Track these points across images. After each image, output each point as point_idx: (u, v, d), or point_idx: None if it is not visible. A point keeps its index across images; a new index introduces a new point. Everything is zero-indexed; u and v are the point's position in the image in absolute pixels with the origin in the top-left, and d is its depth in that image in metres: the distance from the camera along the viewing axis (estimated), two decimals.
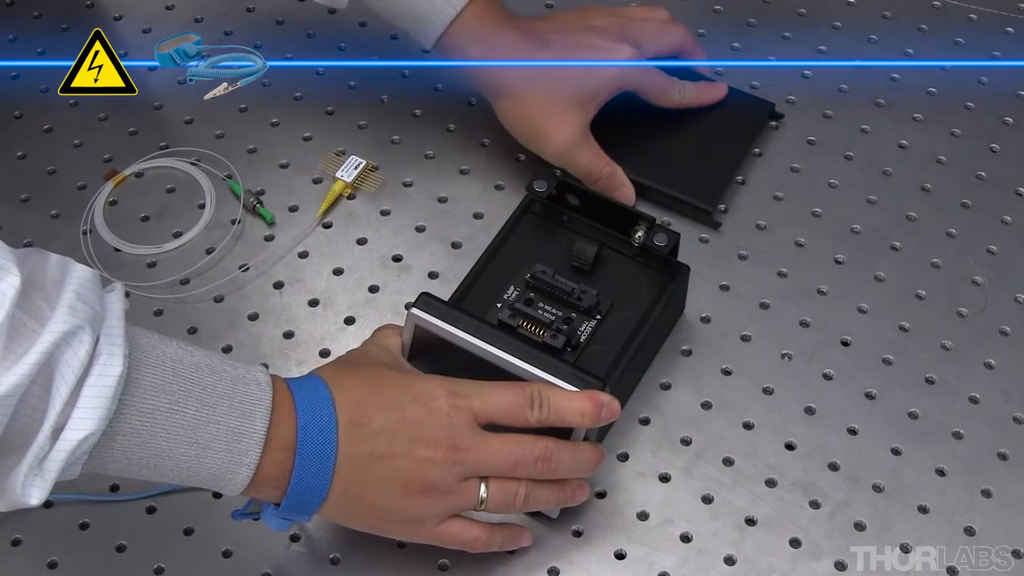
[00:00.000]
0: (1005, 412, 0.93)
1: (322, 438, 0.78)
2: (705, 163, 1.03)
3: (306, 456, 0.78)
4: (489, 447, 0.81)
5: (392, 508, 0.81)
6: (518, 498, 0.82)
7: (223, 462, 0.76)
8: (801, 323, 0.97)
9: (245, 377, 0.78)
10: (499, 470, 0.82)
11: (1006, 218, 1.02)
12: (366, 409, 0.80)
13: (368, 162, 1.03)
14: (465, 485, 0.81)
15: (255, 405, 0.77)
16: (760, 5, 1.13)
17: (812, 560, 0.88)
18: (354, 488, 0.79)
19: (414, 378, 0.83)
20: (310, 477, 0.78)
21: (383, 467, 0.79)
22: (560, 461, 0.83)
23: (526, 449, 0.82)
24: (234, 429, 0.76)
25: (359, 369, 0.83)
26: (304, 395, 0.79)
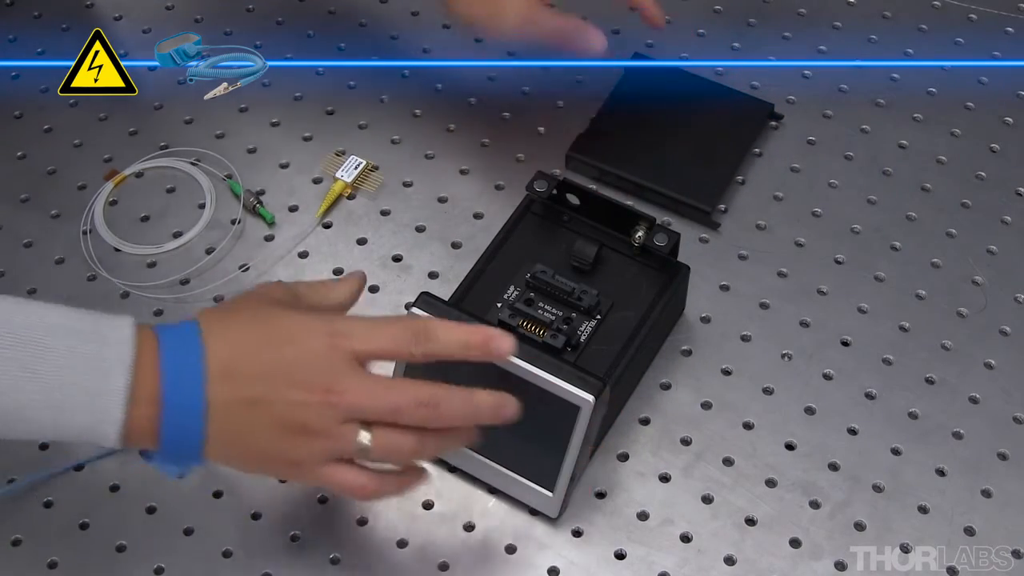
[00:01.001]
0: (1005, 412, 0.93)
1: (189, 390, 0.76)
2: (705, 163, 1.03)
3: (173, 409, 0.76)
4: (367, 389, 0.77)
5: (270, 452, 0.78)
6: (404, 447, 0.78)
7: (87, 422, 0.75)
8: (801, 323, 0.97)
9: (106, 335, 0.76)
10: (379, 414, 0.77)
11: (1006, 218, 1.02)
12: (239, 355, 0.77)
13: (368, 162, 1.03)
14: (343, 429, 0.77)
15: (115, 363, 0.75)
16: (760, 5, 1.13)
17: (812, 560, 0.88)
18: (232, 435, 0.77)
19: (294, 317, 0.79)
20: (180, 430, 0.77)
21: (259, 412, 0.77)
22: (449, 408, 0.79)
23: (408, 393, 0.78)
24: (91, 389, 0.75)
25: (241, 311, 0.80)
26: (171, 346, 0.77)
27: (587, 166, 1.03)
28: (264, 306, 0.81)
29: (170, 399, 0.76)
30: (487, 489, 0.91)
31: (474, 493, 0.91)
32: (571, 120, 1.06)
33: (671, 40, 1.11)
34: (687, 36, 1.11)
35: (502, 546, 0.89)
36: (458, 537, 0.89)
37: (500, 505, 0.90)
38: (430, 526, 0.90)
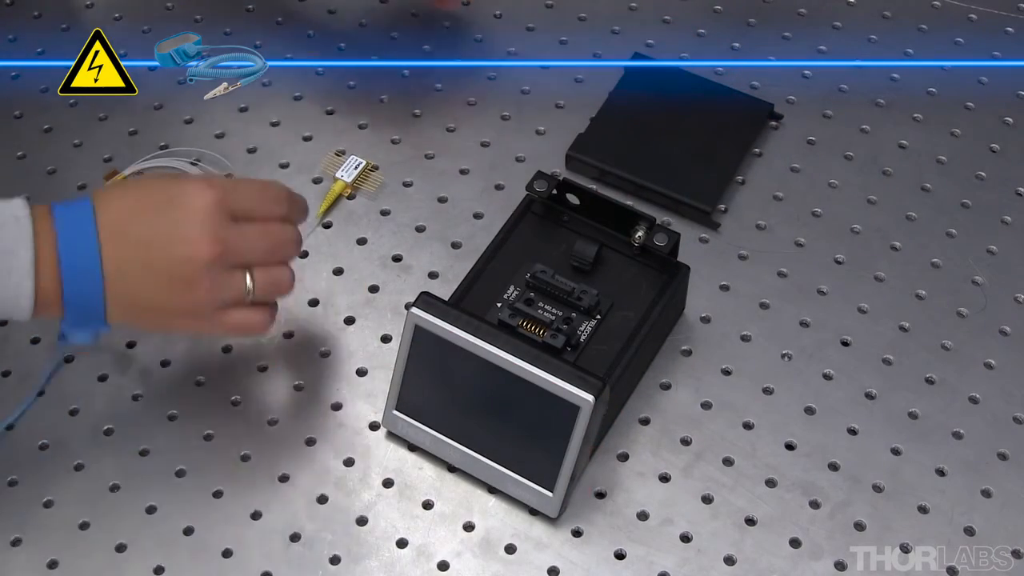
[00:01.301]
0: (1005, 412, 0.93)
1: (84, 252, 0.82)
2: (705, 163, 1.03)
3: (71, 272, 0.82)
4: (246, 236, 0.85)
5: (168, 306, 0.85)
6: (284, 280, 0.88)
7: (3, 295, 0.81)
8: (801, 323, 0.97)
9: (2, 216, 0.81)
10: (258, 257, 0.86)
11: (1006, 218, 1.02)
12: (126, 218, 0.84)
13: (368, 162, 1.03)
14: (230, 276, 0.85)
15: (16, 241, 0.81)
16: (760, 5, 1.13)
17: (812, 560, 0.88)
18: (129, 294, 0.84)
19: (175, 182, 0.86)
20: (81, 290, 0.82)
21: (149, 269, 0.83)
22: (299, 241, 0.89)
23: (278, 233, 0.87)
24: (1, 268, 0.81)
25: (131, 184, 0.90)
26: (65, 215, 0.83)
27: (587, 166, 1.03)
28: (149, 180, 0.89)
29: (67, 262, 0.82)
30: (487, 489, 0.91)
31: (474, 493, 0.91)
32: (571, 120, 1.06)
33: (671, 40, 1.11)
34: (687, 36, 1.11)
35: (502, 546, 0.89)
36: (458, 537, 0.89)
37: (500, 505, 0.90)
38: (430, 526, 0.90)
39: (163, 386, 0.95)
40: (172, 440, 0.93)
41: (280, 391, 0.95)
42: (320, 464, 0.92)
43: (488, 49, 1.10)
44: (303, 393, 0.95)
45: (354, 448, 0.93)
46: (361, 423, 0.94)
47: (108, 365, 0.96)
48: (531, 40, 1.11)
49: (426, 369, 0.90)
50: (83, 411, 0.94)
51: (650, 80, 1.07)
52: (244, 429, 0.93)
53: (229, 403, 0.95)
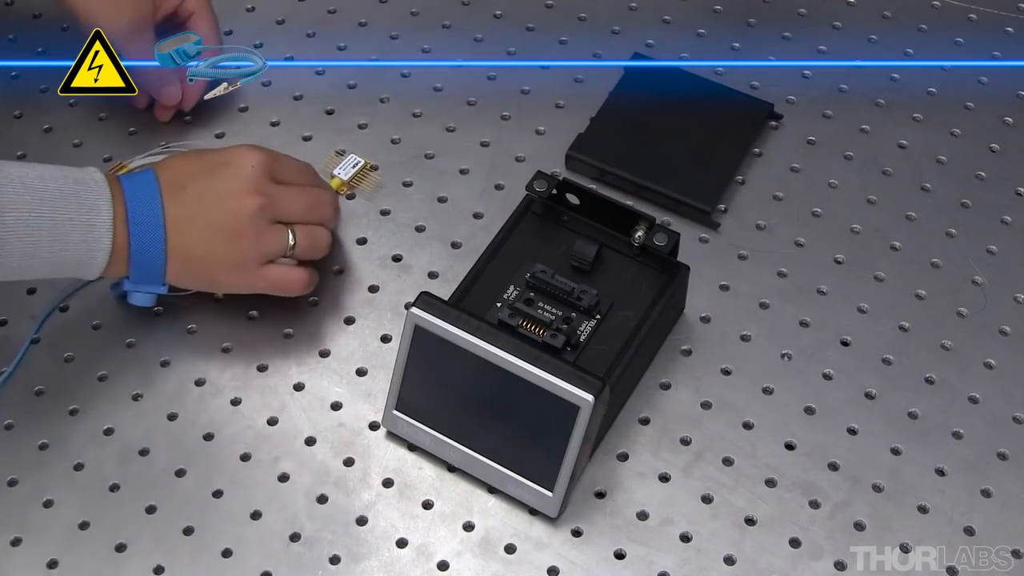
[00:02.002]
0: (1005, 412, 0.93)
1: (149, 207, 0.90)
2: (704, 163, 1.03)
3: (138, 226, 0.90)
4: (288, 193, 0.94)
5: (217, 256, 0.92)
6: (321, 239, 0.95)
7: (83, 252, 0.88)
8: (801, 323, 0.97)
9: (83, 178, 0.89)
10: (298, 213, 0.94)
11: (1006, 218, 1.02)
12: (184, 178, 0.92)
13: (367, 162, 1.03)
14: (274, 229, 0.93)
15: (98, 199, 0.89)
16: (760, 5, 1.13)
17: (812, 560, 0.88)
18: (185, 246, 0.91)
19: (226, 149, 0.94)
20: (145, 244, 0.90)
21: (203, 221, 0.91)
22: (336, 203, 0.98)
23: (316, 193, 0.96)
24: (85, 223, 0.88)
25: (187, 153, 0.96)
26: (130, 180, 0.91)
27: (587, 166, 1.03)
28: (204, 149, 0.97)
29: (135, 219, 0.89)
30: (487, 489, 0.91)
31: (474, 493, 0.91)
32: (571, 120, 1.06)
33: (671, 40, 1.11)
34: (687, 36, 1.11)
35: (502, 546, 0.89)
36: (458, 537, 0.89)
37: (500, 505, 0.90)
38: (430, 526, 0.90)
39: (163, 386, 0.95)
40: (172, 440, 0.93)
41: (280, 391, 0.95)
42: (320, 464, 0.92)
43: (488, 49, 1.10)
44: (303, 393, 0.95)
45: (354, 448, 0.93)
46: (361, 423, 0.94)
47: (108, 365, 0.96)
48: (531, 40, 1.11)
49: (426, 369, 0.90)
50: (83, 411, 0.94)
51: (650, 80, 1.07)
52: (244, 428, 0.93)
53: (229, 403, 0.95)
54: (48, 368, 0.96)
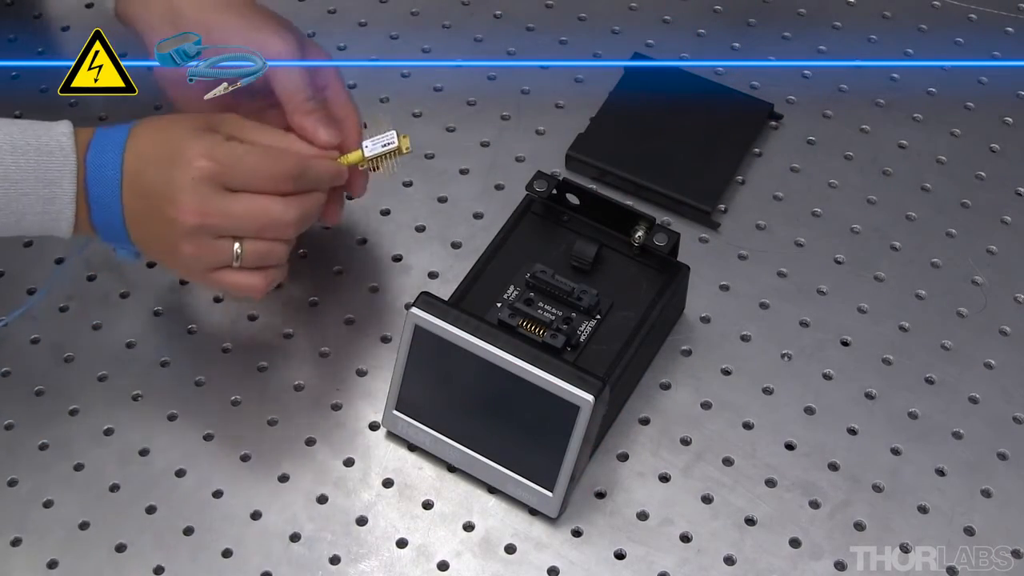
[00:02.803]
0: (1005, 412, 0.93)
1: (108, 189, 0.86)
2: (704, 163, 1.03)
3: (98, 204, 0.87)
4: (233, 212, 0.86)
5: (164, 259, 0.90)
6: (274, 253, 0.89)
7: (43, 222, 0.86)
8: (801, 323, 0.97)
9: (49, 145, 0.86)
10: (246, 233, 0.87)
11: (1006, 218, 1.02)
12: (143, 164, 0.87)
13: (402, 143, 0.93)
14: (217, 244, 0.87)
15: (61, 171, 0.85)
16: (760, 5, 1.13)
17: (812, 560, 0.88)
18: (142, 237, 0.88)
19: (187, 139, 0.87)
20: (107, 221, 0.87)
21: (149, 222, 0.87)
22: (306, 215, 0.89)
23: (269, 214, 0.87)
24: (44, 196, 0.85)
25: (163, 124, 0.89)
26: (99, 148, 0.87)
27: (587, 166, 1.03)
28: (182, 126, 0.89)
29: (95, 197, 0.86)
30: (487, 489, 0.91)
31: (474, 493, 0.91)
32: (571, 120, 1.06)
33: (671, 40, 1.11)
34: (687, 36, 1.11)
35: (502, 546, 0.89)
36: (458, 537, 0.89)
37: (500, 505, 0.90)
38: (430, 526, 0.90)
39: (163, 386, 0.95)
40: (172, 440, 0.93)
41: (280, 391, 0.95)
42: (320, 464, 0.92)
43: (488, 49, 1.10)
44: (303, 393, 0.95)
45: (354, 448, 0.93)
46: (361, 423, 0.94)
47: (109, 364, 0.96)
48: (531, 40, 1.11)
49: (426, 369, 0.90)
50: (83, 411, 0.94)
51: (650, 80, 1.07)
52: (244, 429, 0.93)
53: (229, 403, 0.95)
54: (48, 368, 0.96)
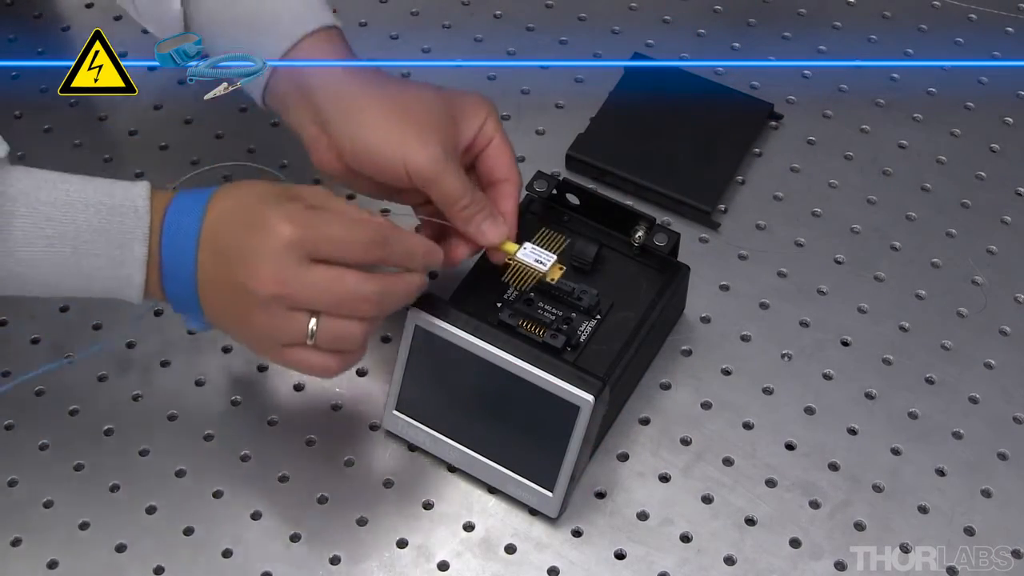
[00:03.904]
0: (1005, 412, 0.93)
1: (182, 256, 0.82)
2: (704, 163, 1.03)
3: (171, 271, 0.82)
4: (309, 282, 0.80)
5: (235, 331, 0.84)
6: (351, 334, 0.82)
7: (111, 286, 0.82)
8: (801, 323, 0.97)
9: (122, 206, 0.81)
10: (324, 308, 0.81)
11: (1006, 218, 1.02)
12: (223, 227, 0.82)
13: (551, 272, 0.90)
14: (292, 317, 0.81)
15: (132, 234, 0.81)
16: (760, 5, 1.13)
17: (812, 560, 0.88)
18: (212, 305, 0.83)
19: (268, 204, 0.82)
20: (179, 290, 0.83)
21: (222, 290, 0.82)
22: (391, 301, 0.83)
23: (352, 289, 0.81)
24: (115, 258, 0.81)
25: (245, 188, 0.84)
26: (177, 213, 0.82)
27: (587, 166, 1.03)
28: (264, 192, 0.83)
29: (168, 264, 0.82)
30: (487, 489, 0.91)
31: (474, 493, 0.91)
32: (571, 120, 1.06)
33: (671, 40, 1.11)
34: (687, 36, 1.11)
35: (502, 546, 0.89)
36: (458, 537, 0.89)
37: (500, 505, 0.90)
38: (430, 526, 0.90)
39: (163, 386, 0.95)
40: (172, 440, 0.93)
41: (280, 391, 0.95)
42: (320, 464, 0.92)
43: (488, 49, 1.10)
44: (303, 393, 0.95)
45: (354, 448, 0.93)
46: (361, 423, 0.94)
47: (108, 365, 0.96)
48: (531, 40, 1.11)
49: (426, 369, 0.90)
50: (83, 411, 0.94)
51: (650, 80, 1.07)
52: (244, 429, 0.93)
53: (229, 403, 0.95)
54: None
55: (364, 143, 0.86)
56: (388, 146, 0.85)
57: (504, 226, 0.88)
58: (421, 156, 0.85)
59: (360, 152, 0.86)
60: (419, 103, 0.87)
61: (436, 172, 0.85)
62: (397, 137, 0.85)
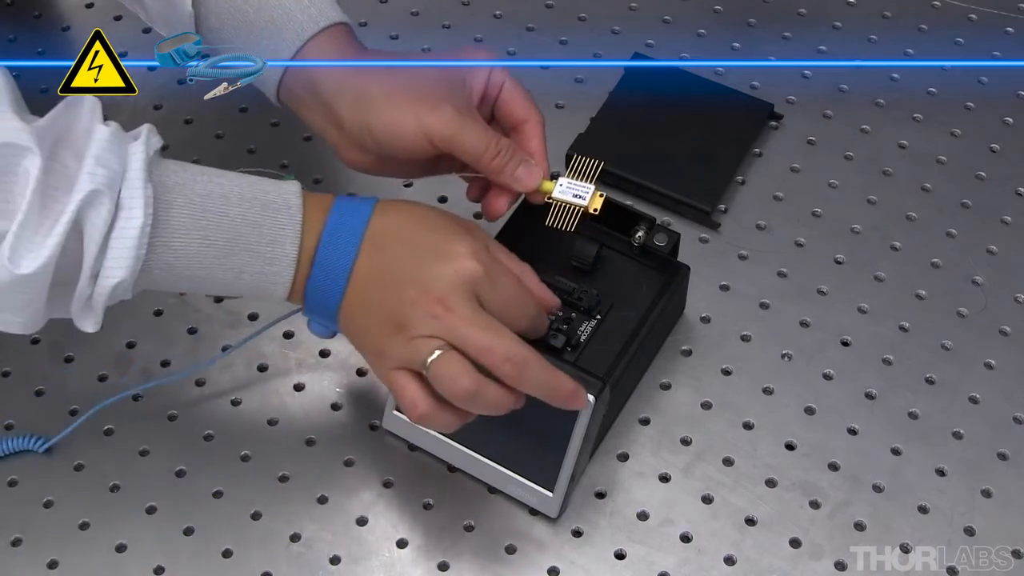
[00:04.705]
0: (1005, 412, 0.93)
1: (342, 253, 0.82)
2: (705, 164, 1.03)
3: (322, 274, 0.82)
4: (470, 319, 0.80)
5: (369, 332, 0.82)
6: (460, 380, 0.79)
7: (259, 283, 0.82)
8: (801, 323, 0.97)
9: (276, 202, 0.82)
10: (469, 346, 0.80)
11: (1006, 218, 1.02)
12: (393, 234, 0.82)
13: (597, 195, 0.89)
14: (427, 340, 0.80)
15: (284, 231, 0.81)
16: (760, 5, 1.13)
17: (812, 560, 0.88)
18: (357, 305, 0.82)
19: (455, 233, 0.83)
20: (324, 289, 0.82)
21: (379, 293, 0.81)
22: (529, 375, 0.81)
23: (503, 342, 0.80)
24: (265, 255, 0.81)
25: (418, 207, 0.85)
26: (342, 211, 0.83)
27: None
28: (444, 219, 0.85)
29: (322, 265, 0.82)
30: (487, 489, 0.91)
31: (474, 493, 0.91)
32: (571, 120, 1.06)
33: (671, 40, 1.11)
34: (687, 36, 1.11)
35: (502, 546, 0.89)
36: (458, 537, 0.89)
37: (500, 505, 0.90)
38: (430, 526, 0.90)
39: (163, 386, 0.95)
40: (172, 440, 0.93)
41: (280, 391, 0.95)
42: (320, 464, 0.92)
43: (488, 49, 1.10)
44: (303, 393, 0.95)
45: (354, 448, 0.93)
46: (361, 423, 0.94)
47: (108, 365, 0.96)
48: (531, 40, 1.11)
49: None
50: (83, 411, 0.94)
51: (650, 80, 1.07)
52: (244, 429, 0.93)
53: (229, 404, 0.95)
54: (48, 368, 0.96)
55: (379, 125, 0.86)
56: (402, 119, 0.86)
57: (537, 168, 0.88)
58: (435, 118, 0.85)
59: (379, 135, 0.86)
60: (421, 72, 0.88)
61: (454, 130, 0.85)
62: (408, 108, 0.86)
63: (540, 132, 0.89)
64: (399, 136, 0.86)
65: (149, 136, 0.82)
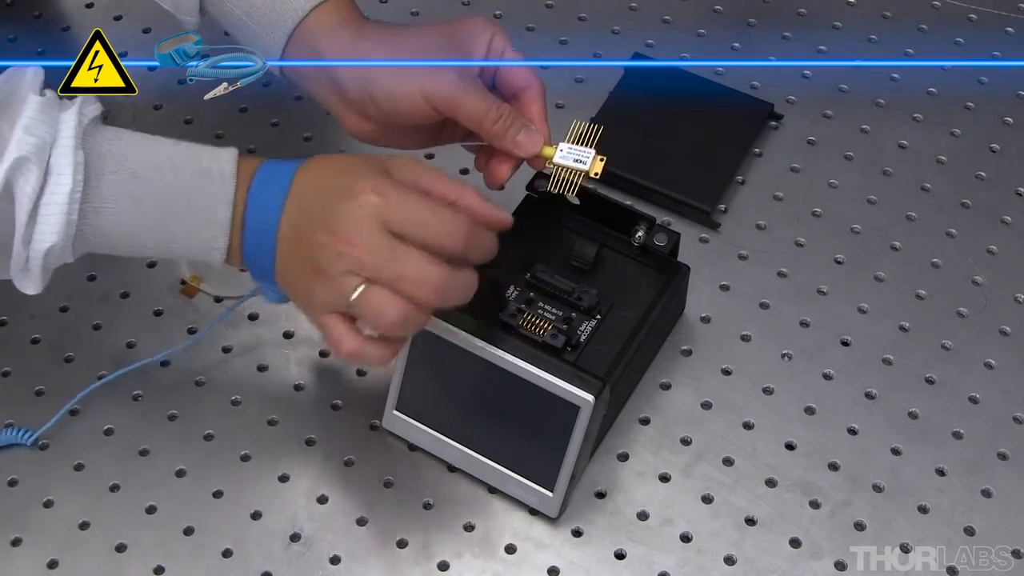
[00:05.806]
0: (1005, 412, 0.93)
1: (267, 214, 0.83)
2: (704, 163, 1.03)
3: (252, 236, 0.83)
4: (375, 249, 0.80)
5: (298, 283, 0.83)
6: (389, 312, 0.80)
7: (194, 248, 0.83)
8: (801, 323, 0.97)
9: (209, 169, 0.83)
10: (381, 277, 0.80)
11: (1006, 218, 1.02)
12: (311, 189, 0.83)
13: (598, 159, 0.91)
14: (344, 278, 0.80)
15: (217, 197, 0.82)
16: (760, 5, 1.13)
17: (812, 560, 0.88)
18: (286, 260, 0.83)
19: (365, 175, 0.82)
20: (258, 247, 0.83)
21: (299, 244, 0.82)
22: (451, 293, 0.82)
23: (411, 266, 0.80)
24: (198, 220, 0.82)
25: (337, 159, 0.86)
26: (267, 172, 0.84)
27: None
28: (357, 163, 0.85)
29: (251, 228, 0.83)
30: (487, 489, 0.91)
31: (474, 493, 0.91)
32: (571, 120, 1.05)
33: (671, 40, 1.11)
34: (687, 36, 1.11)
35: (502, 546, 0.89)
36: (458, 537, 0.89)
37: (500, 505, 0.90)
38: (430, 526, 0.90)
39: (163, 386, 0.95)
40: (172, 440, 0.93)
41: (280, 391, 0.95)
42: (320, 464, 0.92)
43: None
44: (303, 393, 0.95)
45: (354, 448, 0.93)
46: (361, 423, 0.94)
47: (108, 365, 0.96)
48: (531, 40, 1.11)
49: (426, 369, 0.90)
50: (83, 411, 0.94)
51: (650, 80, 1.07)
52: (244, 429, 0.93)
53: (229, 403, 0.95)
54: (48, 368, 0.96)
55: (382, 92, 0.87)
56: (405, 85, 0.87)
57: (538, 134, 0.89)
58: (437, 83, 0.86)
59: (381, 102, 0.87)
60: (423, 41, 0.89)
61: (456, 94, 0.86)
62: (411, 74, 0.87)
63: (540, 99, 0.90)
64: (400, 103, 0.87)
65: (83, 104, 0.83)
